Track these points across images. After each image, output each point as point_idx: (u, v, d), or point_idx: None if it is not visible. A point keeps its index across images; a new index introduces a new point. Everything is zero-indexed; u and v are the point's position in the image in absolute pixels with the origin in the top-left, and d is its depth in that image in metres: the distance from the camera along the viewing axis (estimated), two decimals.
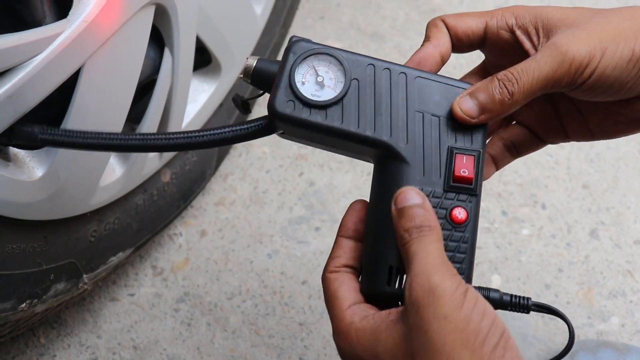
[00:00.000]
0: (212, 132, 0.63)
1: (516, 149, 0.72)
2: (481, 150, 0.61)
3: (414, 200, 0.58)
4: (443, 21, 0.66)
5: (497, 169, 0.72)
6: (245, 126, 0.64)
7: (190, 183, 1.11)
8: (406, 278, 0.57)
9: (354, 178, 1.21)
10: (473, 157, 0.61)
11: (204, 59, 1.04)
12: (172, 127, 0.97)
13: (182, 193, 1.10)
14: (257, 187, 1.21)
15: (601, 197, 1.21)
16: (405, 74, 0.62)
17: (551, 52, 0.61)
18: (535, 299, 1.07)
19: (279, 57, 0.65)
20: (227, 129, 0.64)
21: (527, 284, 1.10)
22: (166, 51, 0.90)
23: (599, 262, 1.14)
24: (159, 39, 0.90)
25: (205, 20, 0.95)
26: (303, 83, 0.61)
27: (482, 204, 1.20)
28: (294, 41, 0.63)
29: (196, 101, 1.03)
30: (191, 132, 0.63)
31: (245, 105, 0.67)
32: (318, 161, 1.23)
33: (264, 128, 0.64)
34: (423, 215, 0.57)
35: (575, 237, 1.16)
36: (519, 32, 0.65)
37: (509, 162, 0.72)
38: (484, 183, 0.67)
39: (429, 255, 0.55)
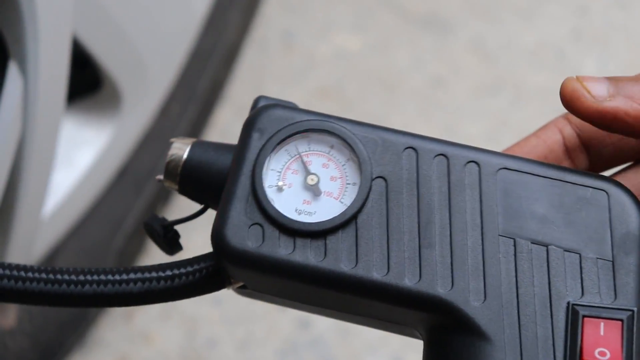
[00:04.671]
0: (105, 278, 0.47)
1: None
2: (635, 310, 0.45)
3: None
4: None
5: None
6: (177, 272, 0.47)
7: None
8: None
9: None
10: (620, 323, 0.45)
11: (87, 80, 0.84)
12: (23, 218, 0.74)
13: None
14: None
15: None
16: (477, 163, 0.48)
17: None
18: None
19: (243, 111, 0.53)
20: (135, 276, 0.48)
21: None
22: (12, 67, 0.70)
23: None
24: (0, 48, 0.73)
25: (91, 9, 0.76)
26: (281, 188, 0.48)
27: None
28: (260, 108, 0.49)
29: (72, 164, 0.82)
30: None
31: (168, 236, 0.50)
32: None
33: (208, 278, 0.48)
34: None
35: None
36: None
37: None
38: None
39: None
